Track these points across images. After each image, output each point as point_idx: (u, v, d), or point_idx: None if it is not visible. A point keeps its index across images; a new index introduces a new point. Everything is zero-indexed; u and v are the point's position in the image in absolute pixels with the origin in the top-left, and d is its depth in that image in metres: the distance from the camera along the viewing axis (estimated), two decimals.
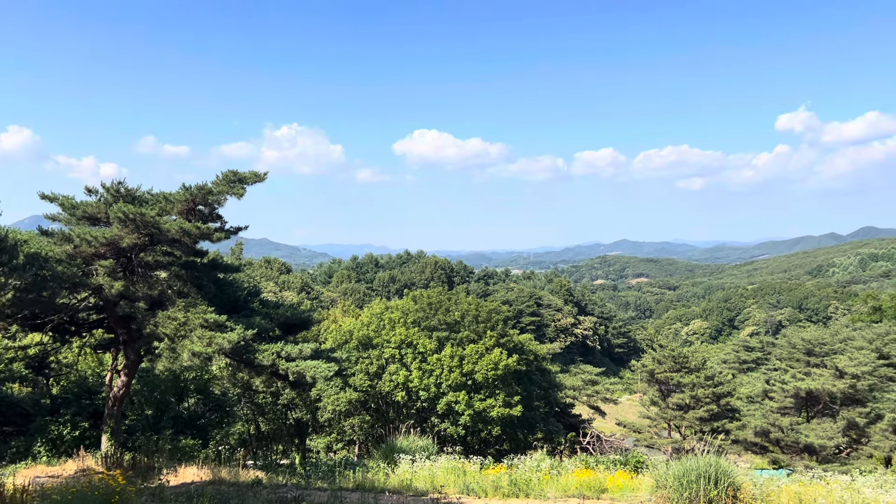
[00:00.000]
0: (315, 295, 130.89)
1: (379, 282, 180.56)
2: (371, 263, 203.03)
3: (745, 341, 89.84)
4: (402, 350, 38.82)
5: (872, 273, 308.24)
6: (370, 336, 39.64)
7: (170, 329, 16.13)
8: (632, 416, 59.44)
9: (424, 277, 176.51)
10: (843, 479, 17.54)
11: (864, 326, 72.57)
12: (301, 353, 16.41)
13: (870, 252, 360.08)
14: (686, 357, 49.87)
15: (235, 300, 18.46)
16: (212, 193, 16.15)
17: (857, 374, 44.79)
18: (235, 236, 18.25)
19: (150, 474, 16.01)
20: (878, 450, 41.17)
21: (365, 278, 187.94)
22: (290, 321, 18.61)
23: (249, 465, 21.23)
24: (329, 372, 16.15)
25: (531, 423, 40.62)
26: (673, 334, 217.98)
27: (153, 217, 15.13)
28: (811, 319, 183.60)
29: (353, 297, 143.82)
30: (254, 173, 16.53)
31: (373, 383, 38.11)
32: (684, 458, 14.27)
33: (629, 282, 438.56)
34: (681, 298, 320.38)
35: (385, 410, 39.58)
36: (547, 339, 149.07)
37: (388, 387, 37.57)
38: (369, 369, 38.17)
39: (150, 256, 16.58)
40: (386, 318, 40.96)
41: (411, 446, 18.83)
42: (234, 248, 61.92)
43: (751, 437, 45.13)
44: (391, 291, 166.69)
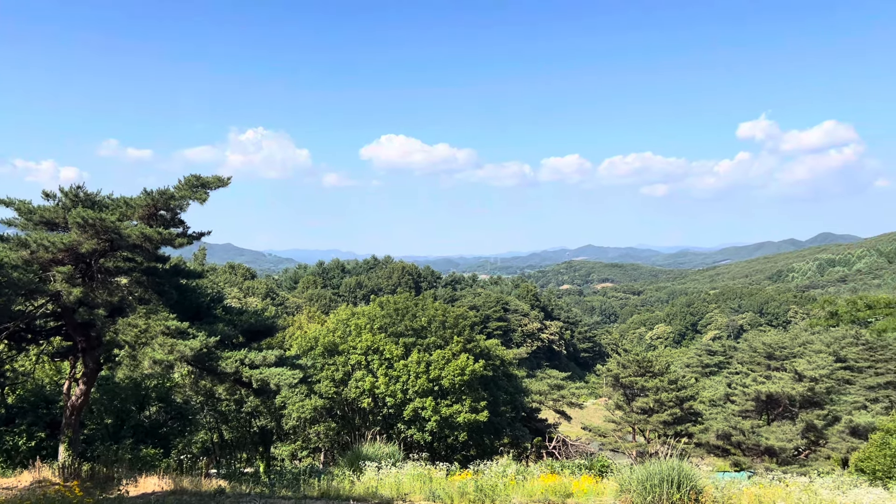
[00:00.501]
0: (280, 301, 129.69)
1: (345, 287, 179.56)
2: (337, 269, 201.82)
3: (707, 345, 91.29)
4: (368, 356, 38.61)
5: (830, 278, 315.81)
6: (336, 342, 39.36)
7: (130, 336, 15.81)
8: (597, 420, 59.97)
9: (391, 283, 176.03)
10: (801, 481, 17.89)
11: (822, 331, 74.32)
12: (265, 360, 16.20)
13: (827, 257, 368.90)
14: (650, 361, 50.50)
15: (198, 306, 18.16)
16: (174, 198, 15.90)
17: (815, 377, 45.82)
18: (198, 241, 17.99)
19: (109, 485, 15.66)
20: (836, 451, 42.12)
21: (331, 284, 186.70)
22: (254, 328, 18.37)
23: (212, 473, 20.91)
24: (294, 379, 15.98)
25: (497, 429, 40.68)
26: (637, 339, 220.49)
27: (113, 222, 14.84)
28: (772, 324, 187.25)
29: (318, 302, 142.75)
30: (217, 178, 16.32)
31: (339, 390, 37.82)
32: (648, 462, 14.43)
33: (595, 287, 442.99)
34: (645, 303, 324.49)
35: (351, 417, 39.32)
36: (514, 344, 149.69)
37: (354, 393, 37.33)
38: (335, 376, 37.89)
39: (110, 262, 16.25)
40: (352, 324, 40.72)
41: (377, 453, 18.74)
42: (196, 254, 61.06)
43: (713, 440, 45.83)
44: (358, 297, 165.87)
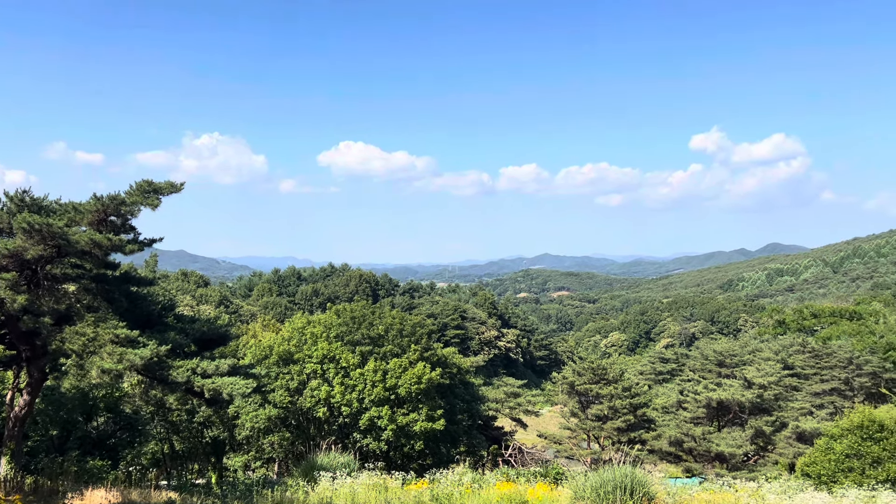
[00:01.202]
0: (234, 309, 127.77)
1: (301, 295, 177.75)
2: (293, 276, 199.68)
3: (660, 353, 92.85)
4: (324, 365, 38.27)
5: (778, 287, 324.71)
6: (291, 351, 38.91)
7: (77, 345, 15.39)
8: (553, 427, 60.38)
9: (349, 291, 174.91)
10: (750, 486, 18.33)
11: (771, 338, 76.30)
12: (218, 369, 15.95)
13: (776, 267, 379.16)
14: (605, 369, 51.08)
15: (149, 314, 17.79)
16: (125, 204, 15.56)
17: (764, 384, 46.98)
18: (150, 248, 17.64)
19: (53, 499, 15.19)
20: (783, 456, 43.17)
21: (287, 292, 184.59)
22: (206, 336, 18.07)
23: (163, 485, 20.44)
24: (247, 388, 15.77)
25: (454, 437, 40.67)
26: (592, 346, 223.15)
27: (61, 228, 14.45)
28: (722, 332, 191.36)
29: (274, 310, 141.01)
30: (170, 183, 16.04)
31: (293, 399, 37.37)
32: (602, 469, 14.61)
33: (551, 295, 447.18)
34: (600, 311, 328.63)
35: (306, 427, 38.87)
36: (471, 352, 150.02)
37: (310, 403, 36.93)
38: (290, 385, 37.44)
39: (57, 269, 15.80)
40: (308, 333, 40.32)
41: (332, 463, 18.57)
42: (148, 261, 59.71)
43: (666, 447, 46.55)
44: (314, 305, 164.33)
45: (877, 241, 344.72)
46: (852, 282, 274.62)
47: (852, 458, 25.90)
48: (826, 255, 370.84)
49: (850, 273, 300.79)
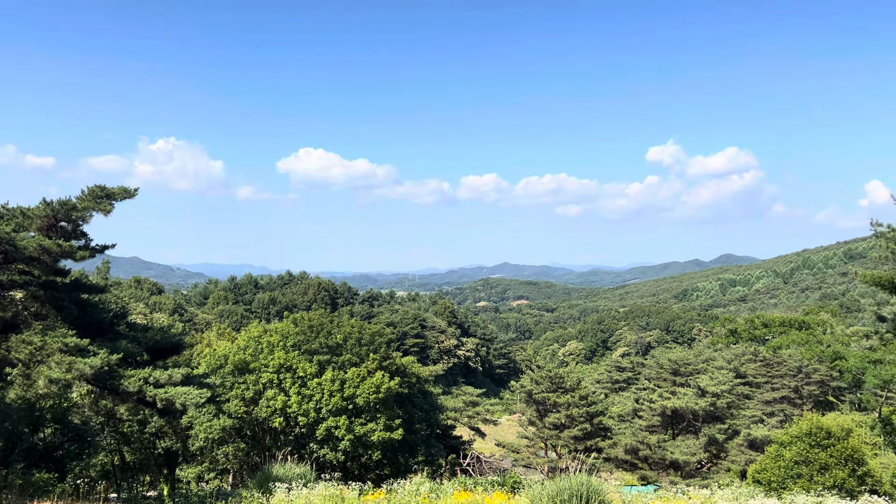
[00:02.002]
0: (189, 317, 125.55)
1: (258, 303, 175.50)
2: (250, 284, 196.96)
3: (617, 362, 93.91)
4: (280, 374, 37.78)
5: (731, 297, 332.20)
6: (247, 360, 38.34)
7: (24, 354, 14.95)
8: (511, 436, 60.61)
9: (307, 299, 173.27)
10: (703, 493, 18.67)
11: (724, 347, 77.86)
12: (171, 378, 15.68)
13: (729, 278, 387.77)
14: (562, 377, 51.51)
15: (100, 323, 17.39)
16: (76, 209, 15.24)
17: (717, 392, 47.88)
18: (102, 255, 17.28)
19: None
20: (735, 464, 44.01)
21: (243, 300, 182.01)
22: (159, 345, 17.75)
23: (112, 498, 19.96)
24: (201, 398, 15.52)
25: (412, 447, 40.50)
26: (550, 355, 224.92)
27: (8, 233, 14.06)
28: (677, 341, 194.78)
29: (229, 319, 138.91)
30: (123, 189, 15.77)
31: (249, 409, 36.80)
32: (558, 477, 14.70)
33: (510, 304, 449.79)
34: (558, 320, 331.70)
35: (261, 437, 38.31)
36: (430, 361, 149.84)
37: (266, 413, 36.41)
38: (245, 395, 36.87)
39: (3, 275, 15.35)
40: (264, 342, 39.78)
41: (288, 474, 18.33)
42: (100, 267, 58.03)
43: (621, 455, 47.08)
44: (271, 314, 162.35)
45: (825, 252, 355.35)
46: (802, 292, 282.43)
47: (801, 464, 26.55)
48: (777, 266, 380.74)
49: (800, 284, 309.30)
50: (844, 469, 25.80)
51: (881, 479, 29.24)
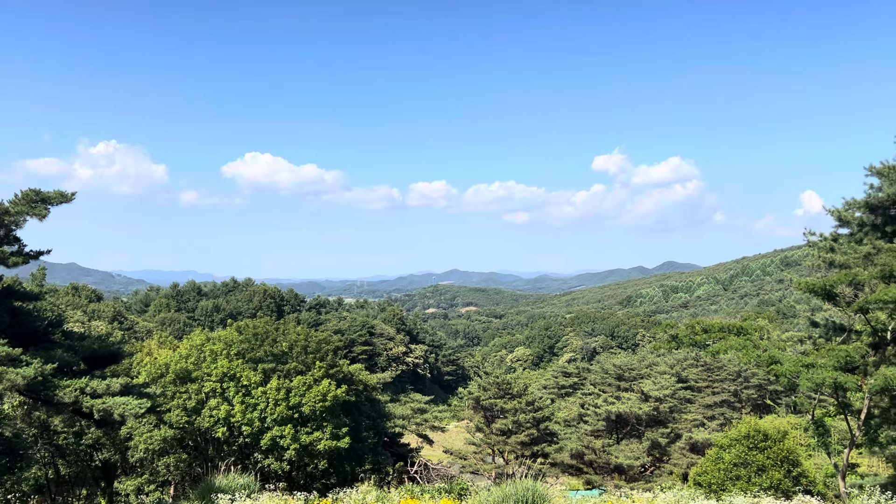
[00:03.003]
0: (129, 325, 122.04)
1: (202, 311, 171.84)
2: (193, 291, 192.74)
3: (563, 367, 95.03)
4: (224, 383, 37.06)
5: (673, 303, 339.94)
6: (189, 369, 37.50)
7: None
8: (458, 443, 60.69)
9: (252, 306, 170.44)
10: (646, 497, 19.00)
11: (666, 353, 79.44)
12: (109, 388, 15.22)
13: (671, 284, 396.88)
14: (509, 383, 51.86)
15: (34, 331, 16.78)
16: (8, 213, 14.68)
17: (660, 397, 48.92)
18: (37, 261, 16.69)
19: None
20: (678, 467, 44.98)
21: (186, 307, 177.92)
22: (97, 354, 17.22)
23: None
24: (140, 408, 15.12)
25: (359, 455, 40.19)
26: (498, 361, 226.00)
27: None
28: (622, 346, 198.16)
29: (172, 327, 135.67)
30: (59, 193, 15.28)
31: (191, 419, 35.96)
32: (504, 483, 14.79)
33: (459, 310, 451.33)
34: (506, 326, 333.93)
35: (204, 448, 37.47)
36: (379, 369, 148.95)
37: (208, 423, 35.65)
38: (187, 405, 36.03)
39: None
40: (207, 350, 38.98)
41: (231, 485, 17.98)
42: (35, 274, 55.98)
43: (567, 460, 47.64)
44: (215, 321, 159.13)
45: (763, 260, 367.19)
46: (741, 299, 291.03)
47: (740, 466, 27.29)
48: (717, 273, 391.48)
49: (739, 290, 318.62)
50: (780, 470, 26.63)
51: (814, 479, 30.29)
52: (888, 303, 23.26)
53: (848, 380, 22.19)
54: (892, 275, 23.47)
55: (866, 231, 29.00)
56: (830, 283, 24.32)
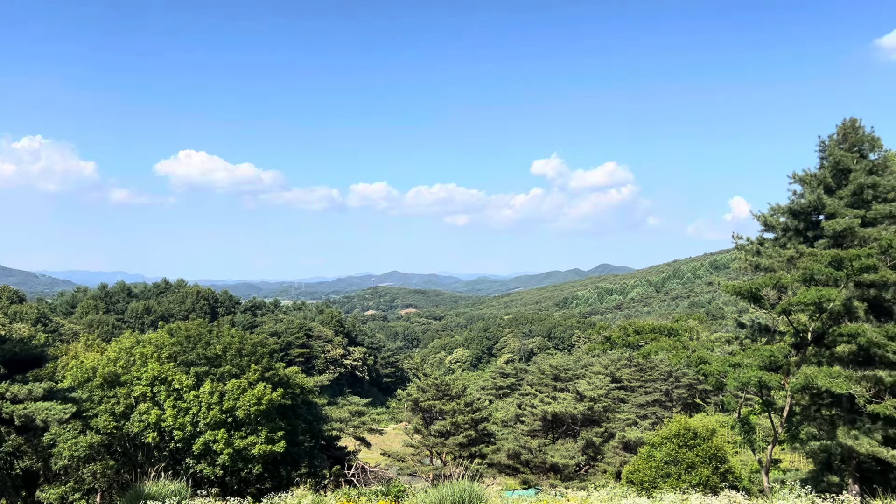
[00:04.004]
0: (54, 327, 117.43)
1: (132, 313, 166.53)
2: (123, 293, 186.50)
3: (501, 368, 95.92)
4: (154, 387, 35.99)
5: (608, 305, 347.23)
6: (118, 373, 36.27)
7: None
8: (397, 445, 60.50)
9: (185, 308, 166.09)
10: (580, 495, 19.30)
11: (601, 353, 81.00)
12: (31, 393, 14.59)
13: (606, 287, 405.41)
14: (448, 385, 51.99)
15: None
16: None
17: (594, 397, 49.85)
18: None
19: None
20: (611, 465, 45.91)
21: (115, 309, 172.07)
22: (18, 357, 16.50)
23: None
24: (65, 413, 14.55)
25: (295, 459, 39.62)
26: (438, 363, 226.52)
27: None
28: (558, 347, 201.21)
29: (99, 329, 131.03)
30: None
31: (119, 424, 34.79)
32: (442, 484, 14.81)
33: (399, 312, 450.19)
34: (446, 328, 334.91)
35: (133, 454, 36.30)
36: (316, 371, 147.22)
37: (138, 428, 34.56)
38: (116, 409, 34.84)
39: None
40: (137, 353, 37.78)
41: (161, 491, 17.48)
42: None
43: (504, 460, 48.06)
44: (146, 324, 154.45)
45: (693, 263, 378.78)
46: (672, 301, 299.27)
47: (670, 464, 28.00)
48: (650, 275, 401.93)
49: (671, 293, 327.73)
50: (709, 467, 27.44)
51: (740, 475, 31.33)
52: (809, 305, 24.31)
53: (772, 379, 23.06)
54: (813, 278, 24.54)
55: (790, 236, 30.26)
56: (756, 285, 25.24)
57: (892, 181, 28.04)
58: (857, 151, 29.09)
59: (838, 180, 29.08)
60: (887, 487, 23.13)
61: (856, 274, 24.24)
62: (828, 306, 24.36)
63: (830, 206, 28.20)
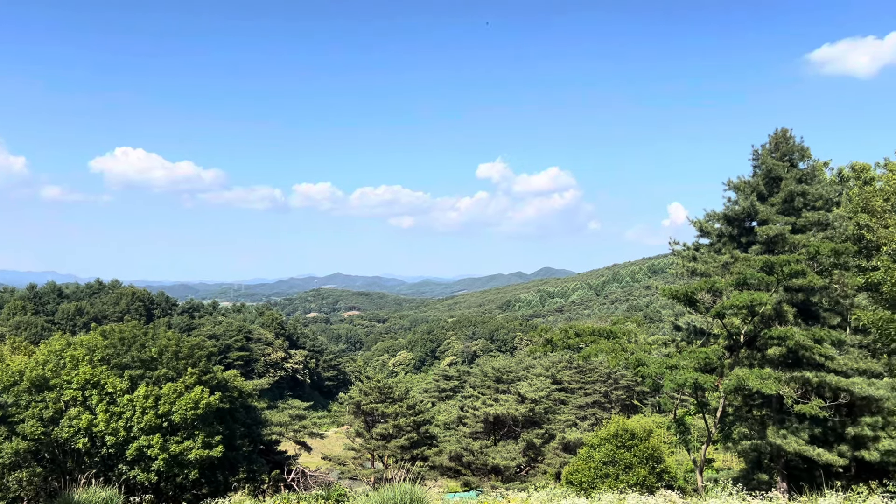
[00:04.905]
0: None
1: (62, 314, 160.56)
2: (53, 293, 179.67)
3: (444, 371, 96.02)
4: (86, 391, 34.76)
5: (550, 308, 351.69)
6: (47, 376, 34.86)
7: None
8: (338, 448, 59.92)
9: (119, 310, 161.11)
10: (521, 496, 19.45)
11: (542, 356, 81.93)
12: None
13: (548, 290, 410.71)
14: (390, 388, 51.80)
15: None
16: None
17: (535, 398, 50.37)
18: None
19: None
20: (551, 466, 46.45)
21: (45, 310, 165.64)
22: None
23: None
24: None
25: (233, 464, 38.84)
26: (381, 366, 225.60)
27: None
28: (501, 349, 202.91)
29: (27, 331, 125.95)
30: None
31: (48, 430, 33.45)
32: (382, 487, 14.72)
33: (342, 315, 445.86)
34: (389, 331, 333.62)
35: (62, 460, 34.94)
36: (256, 375, 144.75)
37: (68, 433, 33.30)
38: (44, 414, 33.49)
39: None
40: (68, 356, 36.41)
41: (91, 499, 16.94)
42: None
43: (446, 462, 48.12)
44: (77, 326, 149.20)
45: (632, 267, 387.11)
46: (612, 304, 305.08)
47: (609, 464, 28.49)
48: (591, 279, 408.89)
49: (611, 296, 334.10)
50: (646, 467, 28.03)
51: (676, 474, 32.12)
52: (741, 308, 25.10)
53: (706, 380, 23.71)
54: (746, 283, 25.35)
55: (724, 241, 31.22)
56: (692, 289, 25.93)
57: (820, 190, 29.23)
58: (788, 160, 30.23)
59: (770, 188, 30.16)
60: (813, 484, 24.03)
61: (786, 279, 25.14)
62: (759, 310, 25.19)
63: (763, 212, 29.21)
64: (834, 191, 29.87)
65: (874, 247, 32.23)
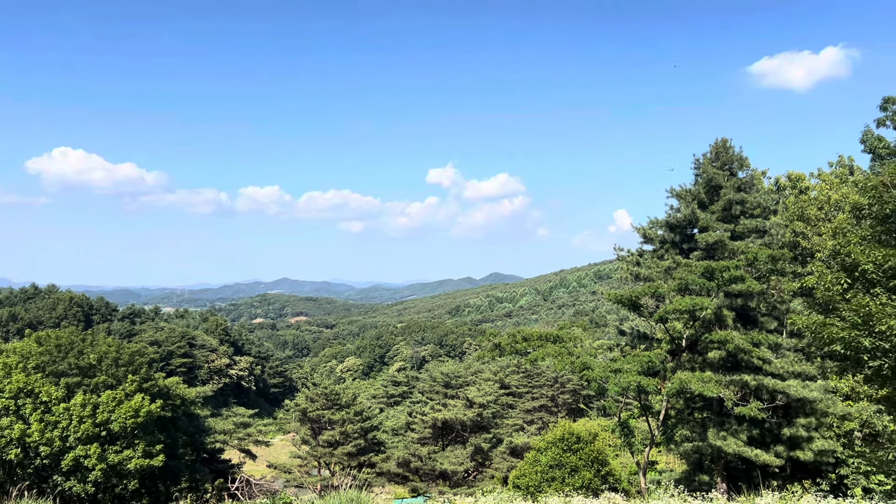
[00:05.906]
0: None
1: None
2: None
3: (393, 376, 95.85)
4: (19, 400, 33.44)
5: (498, 313, 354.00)
6: None
7: None
8: (284, 456, 59.01)
9: (55, 316, 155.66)
10: (468, 501, 19.48)
11: (490, 360, 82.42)
12: None
13: (497, 295, 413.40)
14: (338, 394, 51.30)
15: None
16: None
17: (483, 403, 50.51)
18: None
19: None
20: (499, 471, 46.66)
21: None
22: None
23: None
24: None
25: (175, 473, 37.87)
26: (328, 372, 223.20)
27: None
28: (450, 354, 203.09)
29: None
30: None
31: None
32: (328, 495, 14.54)
33: (289, 320, 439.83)
34: (337, 336, 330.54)
35: None
36: (199, 382, 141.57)
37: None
38: None
39: None
40: (0, 363, 35.01)
41: None
42: None
43: (394, 468, 47.85)
44: (11, 332, 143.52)
45: (579, 273, 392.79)
46: (559, 309, 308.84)
47: (555, 468, 28.78)
48: (538, 284, 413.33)
49: (558, 301, 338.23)
50: (591, 470, 28.41)
51: (620, 477, 32.65)
52: (683, 313, 25.70)
53: (650, 384, 24.17)
54: (688, 288, 25.97)
55: (667, 248, 31.96)
56: (636, 294, 26.42)
57: (757, 198, 30.20)
58: (727, 169, 31.15)
59: (711, 196, 31.01)
60: (751, 484, 24.73)
61: (726, 284, 25.85)
62: (700, 314, 25.83)
63: (703, 220, 30.01)
64: (771, 199, 30.94)
65: (809, 253, 33.48)
